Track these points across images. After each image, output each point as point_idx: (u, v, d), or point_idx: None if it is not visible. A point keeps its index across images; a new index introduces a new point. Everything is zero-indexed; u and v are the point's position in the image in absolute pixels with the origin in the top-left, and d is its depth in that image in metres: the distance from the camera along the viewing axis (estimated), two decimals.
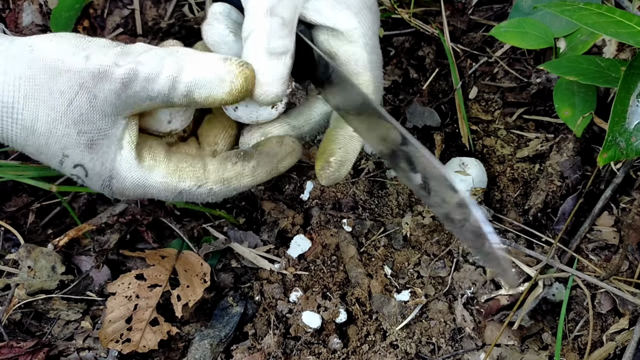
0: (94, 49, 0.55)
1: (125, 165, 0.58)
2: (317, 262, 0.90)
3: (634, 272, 0.83)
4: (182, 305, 0.85)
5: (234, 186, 0.61)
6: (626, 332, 0.80)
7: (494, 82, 1.03)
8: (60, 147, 0.57)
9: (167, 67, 0.54)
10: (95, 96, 0.55)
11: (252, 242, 0.92)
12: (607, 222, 0.88)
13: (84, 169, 0.59)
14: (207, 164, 0.61)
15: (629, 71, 0.74)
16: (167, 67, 0.54)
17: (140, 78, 0.54)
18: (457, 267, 0.87)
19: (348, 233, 0.93)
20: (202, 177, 0.60)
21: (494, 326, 0.82)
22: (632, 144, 0.75)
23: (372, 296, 0.86)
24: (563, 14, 0.70)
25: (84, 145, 0.57)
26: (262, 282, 0.89)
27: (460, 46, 1.07)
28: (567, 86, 0.88)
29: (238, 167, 0.61)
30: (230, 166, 0.61)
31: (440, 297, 0.86)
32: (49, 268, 0.87)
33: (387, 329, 0.84)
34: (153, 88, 0.54)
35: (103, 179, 0.59)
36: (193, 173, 0.60)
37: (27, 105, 0.55)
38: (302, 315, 0.83)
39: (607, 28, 0.67)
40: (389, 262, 0.90)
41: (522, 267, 0.84)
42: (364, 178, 0.98)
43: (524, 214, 0.91)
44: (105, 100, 0.55)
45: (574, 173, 0.89)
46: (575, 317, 0.83)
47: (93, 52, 0.55)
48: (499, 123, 1.00)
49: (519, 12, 0.97)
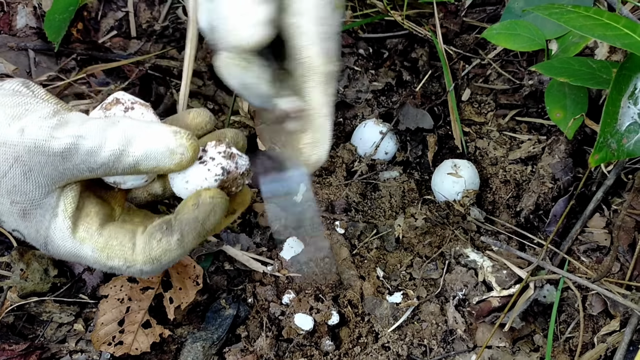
0: (30, 119, 0.53)
1: (58, 234, 0.56)
2: (310, 264, 0.90)
3: (625, 273, 0.83)
4: (175, 307, 0.85)
5: (165, 262, 0.57)
6: (617, 333, 0.80)
7: (487, 84, 1.03)
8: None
9: (111, 140, 0.52)
10: (31, 169, 0.53)
11: (245, 244, 0.92)
12: (598, 224, 0.88)
13: (21, 234, 0.57)
14: (136, 242, 0.57)
15: (620, 72, 0.75)
16: (111, 139, 0.52)
17: (82, 152, 0.52)
18: (449, 269, 0.87)
19: (341, 235, 0.93)
20: (130, 258, 0.57)
21: (485, 328, 0.83)
22: (624, 146, 0.75)
23: (365, 298, 0.86)
24: (551, 16, 0.70)
25: (17, 215, 0.55)
26: (255, 284, 0.89)
27: (454, 48, 1.07)
28: (558, 88, 0.88)
29: (163, 244, 0.56)
30: (156, 244, 0.56)
31: (432, 299, 0.86)
32: (42, 271, 0.88)
33: (379, 330, 0.84)
34: (96, 161, 0.52)
35: (40, 244, 0.57)
36: (122, 253, 0.57)
37: None
38: (294, 317, 0.83)
39: (595, 30, 0.67)
40: (381, 264, 0.90)
41: (513, 269, 0.84)
42: (357, 180, 0.99)
43: (516, 215, 0.92)
44: (40, 173, 0.53)
45: (566, 175, 0.89)
46: (567, 318, 0.83)
47: (28, 124, 0.52)
48: (492, 125, 1.00)
49: (511, 14, 0.97)
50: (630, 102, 0.75)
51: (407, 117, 0.99)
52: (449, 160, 0.94)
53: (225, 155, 0.56)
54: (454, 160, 0.94)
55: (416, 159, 0.98)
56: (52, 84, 1.03)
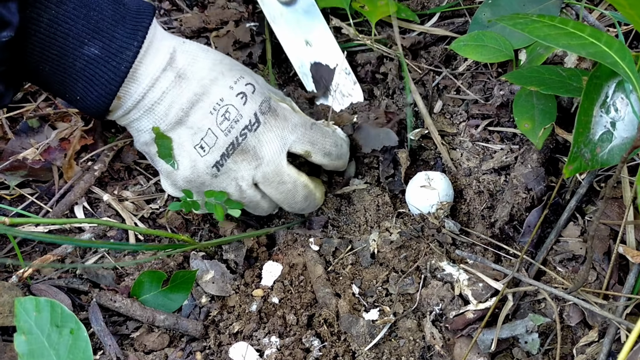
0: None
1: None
2: (285, 282, 0.89)
3: (601, 282, 0.83)
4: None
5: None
6: (596, 344, 0.79)
7: (458, 94, 1.03)
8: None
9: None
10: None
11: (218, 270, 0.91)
12: (573, 233, 0.87)
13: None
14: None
15: (591, 81, 0.74)
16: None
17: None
18: (425, 284, 0.86)
19: (315, 252, 0.92)
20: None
21: (463, 343, 0.81)
22: (597, 155, 0.74)
23: (340, 316, 0.84)
24: (515, 27, 0.70)
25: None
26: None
27: (424, 60, 1.07)
28: (526, 99, 0.88)
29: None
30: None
31: (409, 315, 0.85)
32: (11, 303, 0.85)
33: (355, 349, 0.83)
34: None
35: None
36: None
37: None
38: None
39: (559, 40, 0.66)
40: (357, 280, 0.89)
41: (489, 282, 0.83)
42: (331, 195, 0.97)
43: (491, 226, 0.91)
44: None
45: (538, 184, 0.89)
46: (545, 330, 0.82)
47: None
48: (464, 135, 0.99)
49: (478, 24, 0.97)
50: (602, 111, 0.75)
51: (369, 138, 0.97)
52: (422, 173, 0.93)
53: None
54: (427, 173, 0.93)
55: (388, 177, 0.97)
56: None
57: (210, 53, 0.84)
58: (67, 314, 0.61)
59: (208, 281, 0.90)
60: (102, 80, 0.76)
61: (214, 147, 0.82)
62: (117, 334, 0.86)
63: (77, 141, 1.00)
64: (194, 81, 0.81)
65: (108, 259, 0.93)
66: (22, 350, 0.59)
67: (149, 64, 0.78)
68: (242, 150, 0.83)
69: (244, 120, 0.82)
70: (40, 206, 0.98)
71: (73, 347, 0.60)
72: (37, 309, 0.60)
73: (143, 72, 0.78)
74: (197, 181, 0.84)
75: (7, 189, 0.99)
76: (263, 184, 0.86)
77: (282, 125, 0.85)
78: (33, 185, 1.00)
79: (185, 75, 0.80)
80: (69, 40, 0.74)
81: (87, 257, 0.94)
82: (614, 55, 0.64)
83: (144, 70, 0.78)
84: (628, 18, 0.63)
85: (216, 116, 0.81)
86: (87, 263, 0.92)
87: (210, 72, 0.82)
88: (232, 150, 0.83)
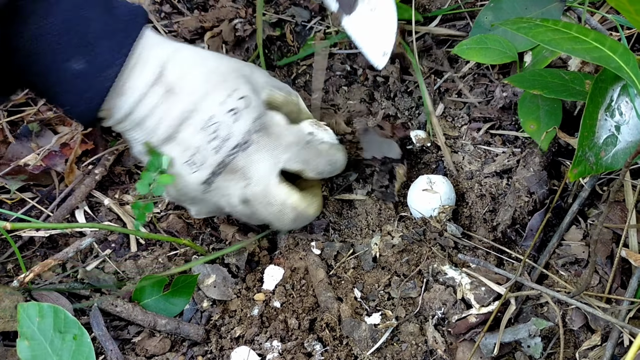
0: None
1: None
2: (287, 286, 0.89)
3: (604, 286, 0.82)
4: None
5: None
6: (599, 348, 0.79)
7: (460, 97, 1.03)
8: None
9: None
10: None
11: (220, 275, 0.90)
12: (575, 237, 0.87)
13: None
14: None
15: (596, 85, 0.74)
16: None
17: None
18: (427, 287, 0.86)
19: (317, 256, 0.91)
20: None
21: (466, 347, 0.81)
22: (602, 159, 0.74)
23: (342, 321, 0.84)
24: (519, 31, 0.70)
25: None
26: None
27: (425, 63, 1.06)
28: (531, 99, 0.88)
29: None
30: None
31: (411, 319, 0.84)
32: (12, 308, 0.84)
33: (357, 354, 0.82)
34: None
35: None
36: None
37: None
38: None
39: (563, 44, 0.66)
40: (359, 284, 0.89)
41: (491, 286, 0.83)
42: (333, 199, 0.97)
43: (493, 230, 0.91)
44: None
45: (541, 188, 0.88)
46: (548, 334, 0.82)
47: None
48: (466, 139, 0.99)
49: (480, 28, 0.97)
50: (607, 115, 0.75)
51: (372, 144, 0.96)
52: (424, 176, 0.93)
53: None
54: (429, 176, 0.93)
55: (381, 187, 0.96)
56: None
57: (206, 60, 0.83)
58: (70, 320, 0.61)
59: (209, 285, 0.89)
60: (87, 95, 0.75)
61: (204, 165, 0.81)
62: (118, 339, 0.86)
63: (77, 146, 1.00)
64: (184, 96, 0.79)
65: (109, 264, 0.93)
66: (25, 356, 0.59)
67: (137, 79, 0.77)
68: (232, 169, 0.82)
69: (235, 139, 0.81)
70: (41, 210, 0.97)
71: (76, 353, 0.59)
72: (40, 315, 0.60)
73: (130, 86, 0.77)
74: (188, 195, 0.84)
75: (8, 193, 0.98)
76: (252, 203, 0.85)
77: (274, 144, 0.83)
78: (34, 190, 1.00)
79: (174, 91, 0.78)
80: (54, 55, 0.73)
81: (88, 261, 0.93)
82: (618, 60, 0.64)
83: (131, 84, 0.77)
84: (634, 24, 0.62)
85: (206, 134, 0.80)
86: (88, 267, 0.92)
87: (202, 85, 0.80)
88: (222, 169, 0.81)
